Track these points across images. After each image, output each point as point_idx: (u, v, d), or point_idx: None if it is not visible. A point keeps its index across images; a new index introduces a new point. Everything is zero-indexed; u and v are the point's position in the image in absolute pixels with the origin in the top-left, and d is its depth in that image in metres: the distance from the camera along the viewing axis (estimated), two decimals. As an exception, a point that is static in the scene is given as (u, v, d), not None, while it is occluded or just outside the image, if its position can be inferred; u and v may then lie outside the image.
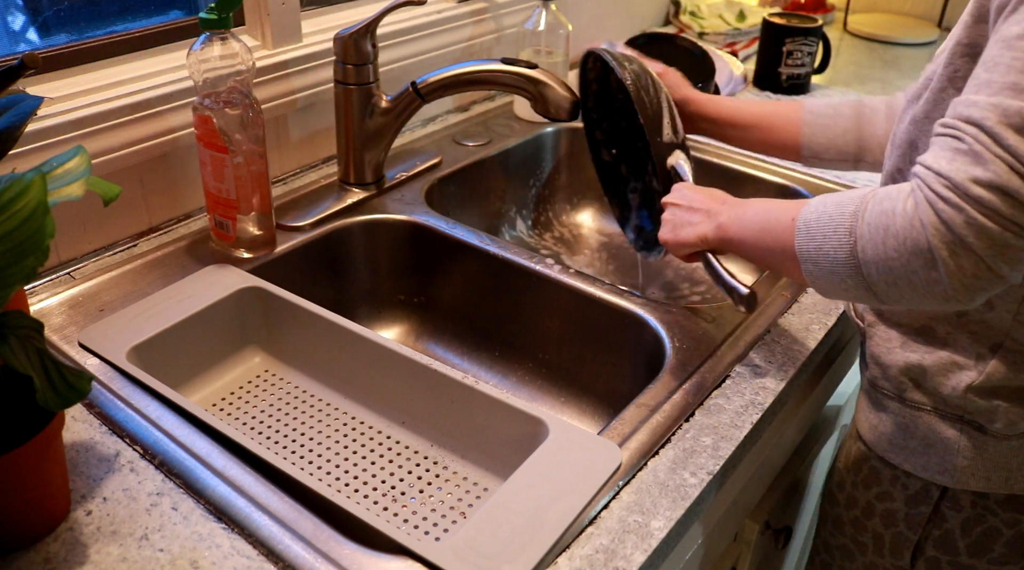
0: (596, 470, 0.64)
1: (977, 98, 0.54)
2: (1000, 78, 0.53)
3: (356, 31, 0.96)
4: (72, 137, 0.84)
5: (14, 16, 0.90)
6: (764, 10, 1.65)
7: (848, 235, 0.59)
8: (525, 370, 1.00)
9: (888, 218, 0.56)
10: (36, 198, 0.49)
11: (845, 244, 0.59)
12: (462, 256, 0.99)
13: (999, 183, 0.51)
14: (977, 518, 0.74)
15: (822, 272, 0.62)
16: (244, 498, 0.61)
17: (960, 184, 0.52)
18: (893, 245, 0.56)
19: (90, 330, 0.77)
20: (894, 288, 0.58)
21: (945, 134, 0.55)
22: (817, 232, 0.61)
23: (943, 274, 0.54)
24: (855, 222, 0.59)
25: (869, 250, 0.57)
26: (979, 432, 0.71)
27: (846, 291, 0.62)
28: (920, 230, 0.54)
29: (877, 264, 0.57)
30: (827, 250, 0.61)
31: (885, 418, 0.77)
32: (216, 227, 0.90)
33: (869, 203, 0.59)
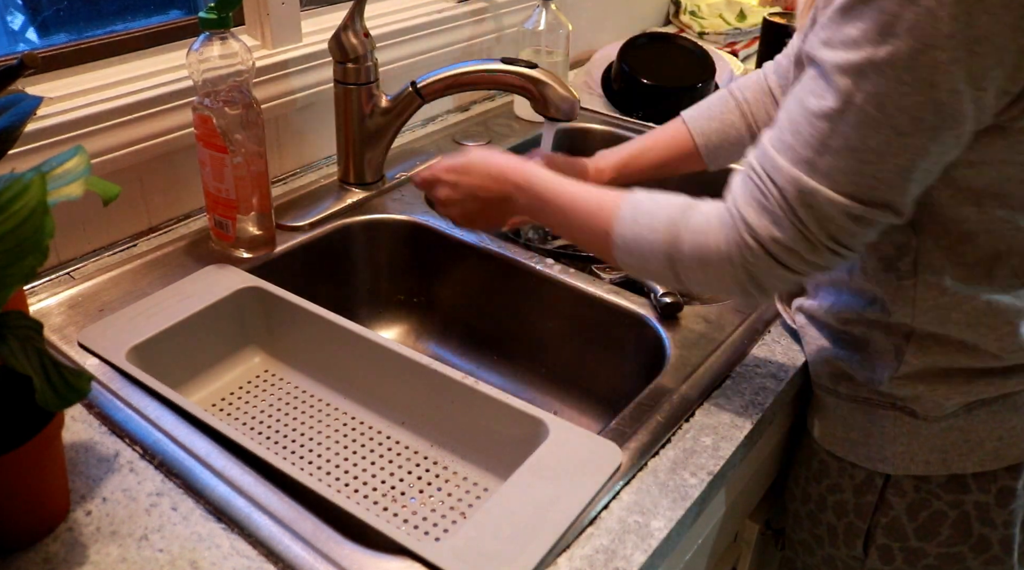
0: (596, 470, 0.64)
1: (780, 162, 0.61)
2: (800, 149, 0.60)
3: (339, 26, 0.96)
4: (71, 137, 0.84)
5: (13, 16, 0.90)
6: (764, 10, 1.65)
7: (667, 261, 0.67)
8: (525, 370, 1.00)
9: (703, 252, 0.65)
10: (35, 198, 0.49)
11: (664, 266, 0.67)
12: (462, 256, 0.99)
13: (792, 245, 0.61)
14: (921, 502, 0.76)
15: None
16: (244, 498, 0.61)
17: (763, 239, 0.62)
18: (712, 273, 0.65)
19: (90, 330, 0.77)
20: (708, 291, 0.73)
21: (755, 182, 0.63)
22: (635, 250, 0.68)
23: (750, 289, 0.65)
24: (673, 251, 0.66)
25: (688, 274, 0.67)
26: (911, 417, 0.74)
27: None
28: (732, 265, 0.64)
29: (696, 282, 0.67)
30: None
31: (827, 412, 0.80)
32: (216, 227, 0.90)
33: (683, 233, 0.65)
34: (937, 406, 0.72)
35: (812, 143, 0.59)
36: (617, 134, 1.28)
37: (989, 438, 0.73)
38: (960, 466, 0.74)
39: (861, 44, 0.56)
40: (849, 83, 0.57)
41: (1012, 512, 0.75)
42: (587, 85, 1.43)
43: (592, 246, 0.73)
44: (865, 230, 0.61)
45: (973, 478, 0.74)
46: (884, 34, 0.54)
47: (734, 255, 0.63)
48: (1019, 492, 0.75)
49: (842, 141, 0.58)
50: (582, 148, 1.31)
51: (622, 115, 1.33)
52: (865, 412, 0.76)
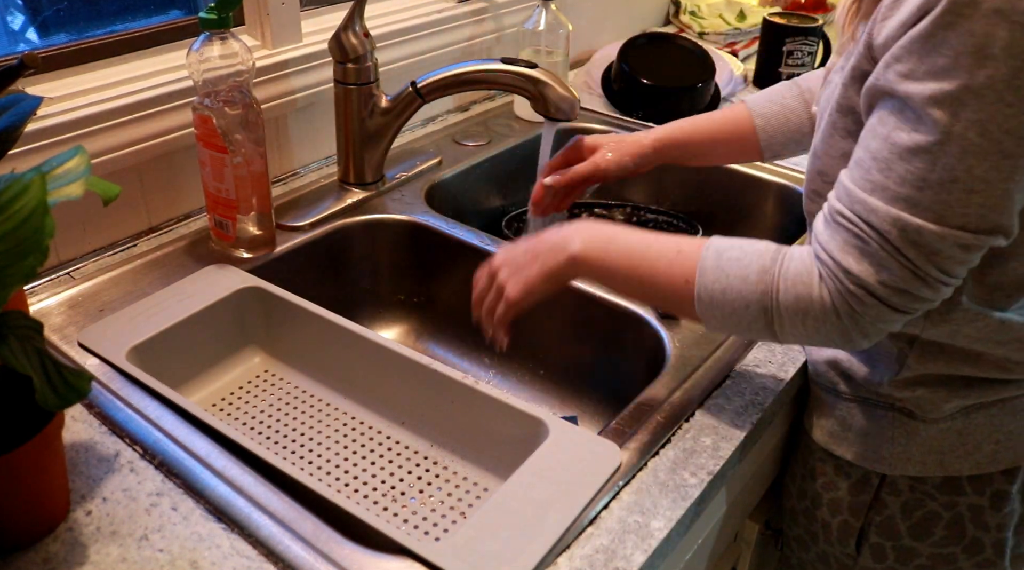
0: (596, 470, 0.64)
1: (875, 205, 0.58)
2: (896, 186, 0.57)
3: (339, 26, 0.96)
4: (71, 137, 0.84)
5: (14, 16, 0.90)
6: (764, 10, 1.65)
7: (763, 314, 0.63)
8: (525, 370, 1.00)
9: (806, 305, 0.62)
10: (36, 198, 0.49)
11: (760, 319, 0.63)
12: (462, 256, 0.99)
13: (903, 286, 0.59)
14: (916, 502, 0.76)
15: (730, 332, 0.72)
16: (244, 498, 0.61)
17: (871, 286, 0.59)
18: (812, 326, 0.62)
19: (90, 330, 0.77)
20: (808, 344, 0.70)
21: (848, 228, 0.60)
22: (724, 305, 0.64)
23: (855, 340, 0.63)
24: (768, 303, 0.63)
25: (788, 329, 0.63)
26: (909, 418, 0.74)
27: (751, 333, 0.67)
28: (837, 321, 0.61)
29: (795, 336, 0.64)
30: (739, 322, 0.65)
31: (824, 411, 0.80)
32: (216, 227, 0.90)
33: (780, 283, 0.62)
34: (936, 408, 0.72)
35: (909, 180, 0.57)
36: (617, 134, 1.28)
37: (986, 441, 0.73)
38: (956, 468, 0.74)
39: (953, 72, 0.53)
40: (946, 114, 0.54)
41: (1006, 515, 0.75)
42: (587, 85, 1.43)
43: (668, 300, 0.69)
44: (974, 256, 0.59)
45: (968, 480, 0.74)
46: (979, 57, 0.52)
47: (839, 306, 0.60)
48: (1014, 496, 0.75)
49: (944, 174, 0.55)
50: (582, 148, 1.31)
51: (622, 115, 1.33)
52: (863, 411, 0.76)
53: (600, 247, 0.69)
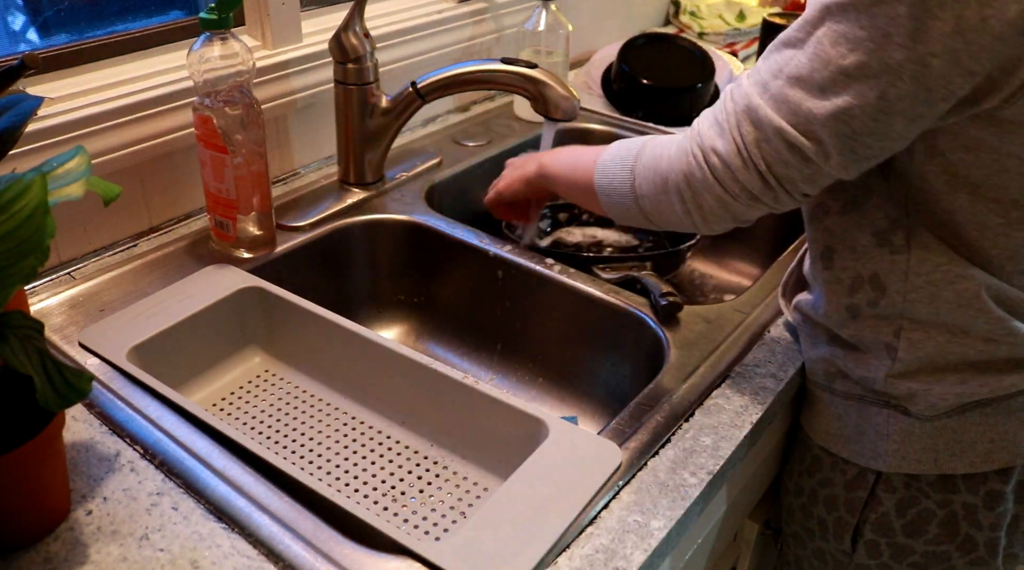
0: (596, 470, 0.64)
1: (744, 82, 0.64)
2: (762, 73, 0.63)
3: (340, 26, 0.96)
4: (72, 137, 0.84)
5: (14, 16, 0.90)
6: (764, 10, 1.65)
7: (630, 173, 0.72)
8: (525, 370, 1.00)
9: (657, 160, 0.70)
10: (36, 198, 0.49)
11: (627, 181, 0.73)
12: (462, 256, 0.99)
13: (727, 158, 0.65)
14: (911, 500, 0.76)
15: (612, 203, 0.76)
16: (244, 498, 0.61)
17: (705, 148, 0.66)
18: (659, 182, 0.70)
19: (90, 330, 0.78)
20: (662, 216, 0.72)
21: (721, 102, 0.67)
22: (609, 170, 0.75)
23: (691, 209, 0.69)
24: (635, 162, 0.72)
25: (642, 185, 0.71)
26: (904, 415, 0.74)
27: (633, 218, 0.75)
28: (676, 173, 0.68)
29: (647, 197, 0.72)
30: (615, 185, 0.74)
31: (820, 408, 0.80)
32: (216, 227, 0.90)
33: (648, 145, 0.72)
34: (931, 405, 0.72)
35: (772, 68, 0.62)
36: (617, 135, 1.28)
37: (980, 440, 0.73)
38: (950, 466, 0.74)
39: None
40: (816, 15, 0.59)
41: (999, 515, 0.75)
42: (587, 85, 1.43)
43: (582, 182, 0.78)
44: (797, 165, 0.62)
45: (963, 479, 0.74)
46: None
47: (680, 164, 0.67)
48: (1008, 495, 0.75)
49: (794, 69, 0.60)
50: (582, 148, 1.31)
51: (622, 115, 1.33)
52: (858, 409, 0.76)
53: (554, 156, 0.86)
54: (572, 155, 0.84)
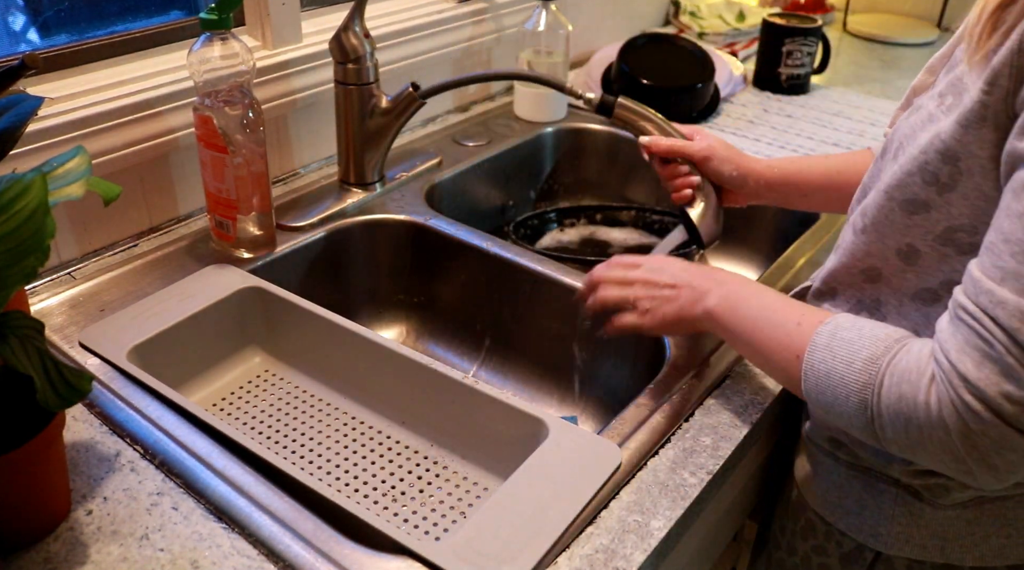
0: (596, 470, 0.65)
1: (1004, 296, 0.49)
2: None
3: (340, 27, 0.96)
4: (72, 137, 0.84)
5: (15, 16, 0.90)
6: (764, 10, 1.65)
7: (863, 409, 0.56)
8: (525, 370, 1.00)
9: (909, 408, 0.53)
10: (37, 198, 0.49)
11: (860, 415, 0.57)
12: (462, 256, 0.99)
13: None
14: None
15: (838, 424, 0.61)
16: (244, 498, 0.61)
17: (991, 399, 0.49)
18: (916, 436, 0.54)
19: (90, 330, 0.78)
20: (921, 462, 0.58)
21: (969, 325, 0.51)
22: (827, 388, 0.59)
23: (973, 469, 0.52)
24: (869, 397, 0.56)
25: (889, 431, 0.55)
26: (915, 498, 0.68)
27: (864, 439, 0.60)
28: (946, 433, 0.52)
29: (899, 445, 0.56)
30: (840, 412, 0.59)
31: (821, 473, 0.74)
32: (216, 227, 0.90)
33: (885, 378, 0.55)
34: (946, 494, 0.66)
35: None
36: (617, 134, 1.28)
37: (996, 534, 0.67)
38: (959, 558, 0.68)
39: None
40: None
41: None
42: (587, 85, 1.43)
43: (782, 375, 0.65)
44: None
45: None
46: None
47: (948, 419, 0.51)
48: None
49: None
50: (582, 148, 1.31)
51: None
52: (863, 483, 0.70)
53: (730, 307, 0.68)
54: (760, 311, 0.67)
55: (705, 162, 0.88)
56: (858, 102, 1.42)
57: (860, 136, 1.28)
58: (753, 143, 1.25)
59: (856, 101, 1.43)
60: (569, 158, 1.32)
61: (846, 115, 1.37)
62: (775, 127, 1.31)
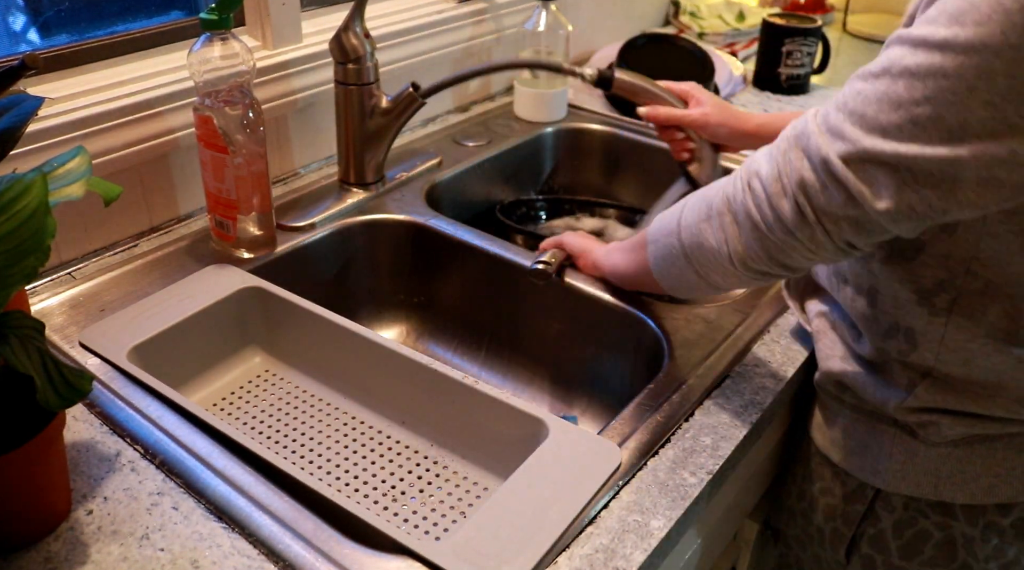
0: (596, 470, 0.65)
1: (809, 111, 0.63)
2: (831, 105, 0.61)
3: (340, 27, 0.96)
4: (73, 137, 0.85)
5: (15, 16, 0.90)
6: (764, 10, 1.65)
7: (680, 207, 0.72)
8: (525, 370, 1.00)
9: (707, 190, 0.69)
10: (37, 198, 0.49)
11: (675, 216, 0.72)
12: (462, 256, 0.99)
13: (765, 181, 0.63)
14: (908, 520, 0.75)
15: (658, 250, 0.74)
16: (244, 498, 0.61)
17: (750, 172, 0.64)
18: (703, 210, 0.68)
19: (91, 330, 0.78)
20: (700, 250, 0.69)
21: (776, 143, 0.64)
22: (657, 234, 0.74)
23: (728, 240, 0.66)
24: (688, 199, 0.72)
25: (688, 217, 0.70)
26: (911, 437, 0.73)
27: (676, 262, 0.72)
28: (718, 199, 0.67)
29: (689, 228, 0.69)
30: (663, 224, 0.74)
31: (827, 418, 0.80)
32: (216, 227, 0.91)
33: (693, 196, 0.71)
34: (938, 433, 0.71)
35: (839, 100, 0.59)
36: (617, 134, 1.28)
37: (985, 474, 0.71)
38: (951, 495, 0.72)
39: (931, 23, 0.54)
40: (897, 52, 0.56)
41: (996, 549, 0.74)
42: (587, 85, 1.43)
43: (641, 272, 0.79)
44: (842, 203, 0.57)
45: (962, 508, 0.73)
46: (953, 21, 0.52)
47: (725, 187, 0.66)
48: (1006, 530, 0.73)
49: (861, 106, 0.57)
50: (582, 148, 1.32)
51: (622, 115, 1.33)
52: (866, 425, 0.75)
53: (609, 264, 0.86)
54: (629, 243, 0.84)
55: (702, 129, 0.97)
56: (858, 102, 1.42)
57: (860, 136, 1.28)
58: (753, 143, 1.25)
59: (856, 101, 1.43)
60: (569, 158, 1.32)
61: (846, 115, 1.36)
62: (775, 127, 1.31)
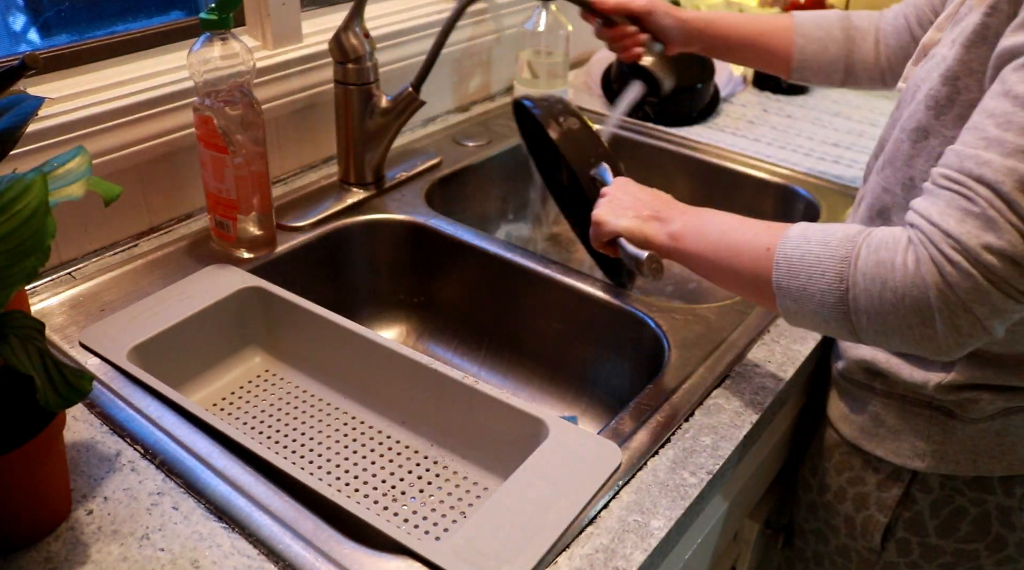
0: (596, 470, 0.65)
1: (989, 157, 0.52)
2: (1013, 139, 0.51)
3: (339, 27, 0.96)
4: (73, 137, 0.85)
5: (15, 16, 0.90)
6: (764, 10, 1.65)
7: (839, 281, 0.57)
8: (525, 370, 1.00)
9: (886, 271, 0.55)
10: (37, 198, 0.49)
11: (835, 289, 0.58)
12: (462, 256, 0.99)
13: (1011, 252, 0.50)
14: (945, 499, 0.76)
15: (803, 311, 0.61)
16: (244, 498, 0.61)
17: (971, 249, 0.51)
18: (890, 299, 0.55)
19: (91, 330, 0.78)
20: (883, 336, 0.58)
21: (952, 190, 0.53)
22: (801, 271, 0.60)
23: (939, 331, 0.54)
24: (846, 268, 0.57)
25: (862, 300, 0.56)
26: (948, 417, 0.73)
27: (825, 328, 0.61)
28: (922, 289, 0.53)
29: (869, 314, 0.56)
30: (813, 292, 0.59)
31: (855, 407, 0.79)
32: (216, 227, 0.91)
33: (862, 249, 0.57)
34: (978, 409, 0.71)
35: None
36: (618, 134, 1.28)
37: (1021, 444, 0.72)
38: (988, 468, 0.73)
39: None
40: None
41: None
42: (587, 85, 1.43)
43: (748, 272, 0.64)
44: None
45: (999, 481, 0.74)
46: None
47: (927, 274, 0.52)
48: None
49: None
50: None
51: (622, 115, 1.33)
52: (899, 409, 0.75)
53: (695, 229, 0.70)
54: (724, 226, 0.68)
55: (648, 16, 0.97)
56: (857, 102, 1.42)
57: (860, 136, 1.28)
58: (753, 143, 1.25)
59: (855, 101, 1.43)
60: (569, 158, 1.31)
61: (845, 115, 1.37)
62: (775, 127, 1.31)
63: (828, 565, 0.87)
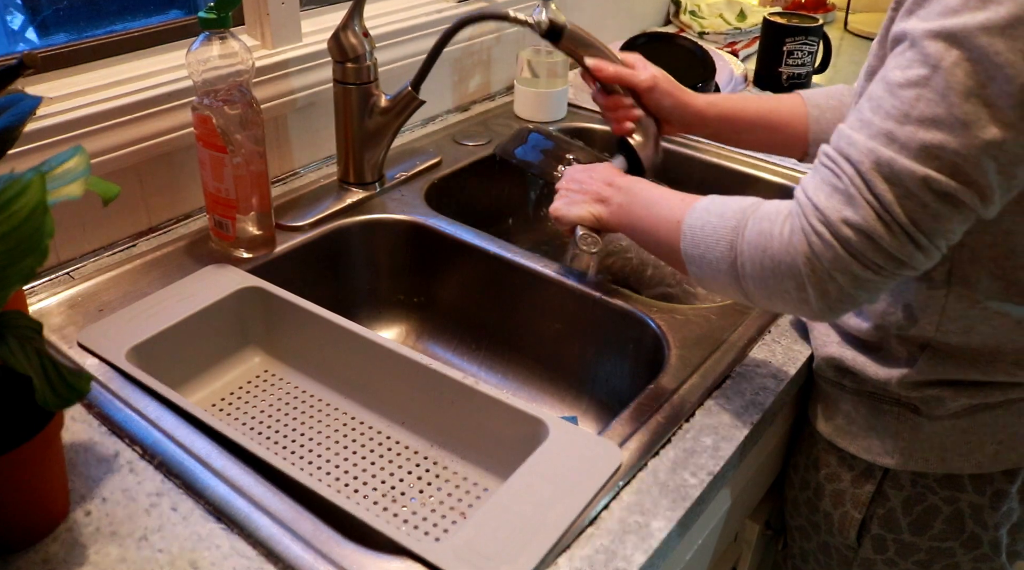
0: (596, 470, 0.64)
1: (857, 138, 0.57)
2: (880, 122, 0.56)
3: (339, 26, 0.96)
4: (71, 137, 0.84)
5: (13, 15, 0.90)
6: (764, 9, 1.65)
7: (729, 249, 0.64)
8: (525, 370, 1.00)
9: (766, 239, 0.61)
10: (35, 198, 0.49)
11: (726, 257, 0.64)
12: (462, 256, 0.99)
13: (866, 228, 0.56)
14: (917, 497, 0.76)
15: (705, 275, 0.68)
16: (244, 498, 0.61)
17: (833, 222, 0.57)
18: (769, 266, 0.61)
19: (89, 330, 0.77)
20: (768, 300, 0.64)
21: (826, 166, 0.59)
22: (701, 241, 0.66)
23: (811, 296, 0.59)
24: (735, 237, 0.63)
25: (748, 266, 0.63)
26: (914, 414, 0.74)
27: (726, 293, 0.68)
28: (794, 257, 0.59)
29: (754, 278, 0.63)
30: (710, 259, 0.66)
31: (829, 404, 0.81)
32: (215, 227, 0.90)
33: (750, 220, 0.63)
34: (941, 406, 0.72)
35: (893, 114, 0.55)
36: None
37: (989, 441, 0.73)
38: (958, 466, 0.74)
39: (959, 11, 0.53)
40: (940, 48, 0.53)
41: (1004, 514, 0.76)
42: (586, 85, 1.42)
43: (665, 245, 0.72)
44: (950, 214, 0.55)
45: (969, 479, 0.75)
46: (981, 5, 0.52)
47: (797, 244, 0.58)
48: (1012, 495, 0.75)
49: (926, 109, 0.54)
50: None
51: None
52: (868, 406, 0.76)
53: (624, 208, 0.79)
54: (650, 201, 0.76)
55: (648, 93, 0.91)
56: (858, 101, 1.42)
57: (860, 135, 1.28)
58: (753, 143, 1.25)
59: (856, 100, 1.43)
60: (569, 158, 1.31)
61: (846, 114, 1.36)
62: (775, 126, 1.31)
63: (812, 562, 0.88)
